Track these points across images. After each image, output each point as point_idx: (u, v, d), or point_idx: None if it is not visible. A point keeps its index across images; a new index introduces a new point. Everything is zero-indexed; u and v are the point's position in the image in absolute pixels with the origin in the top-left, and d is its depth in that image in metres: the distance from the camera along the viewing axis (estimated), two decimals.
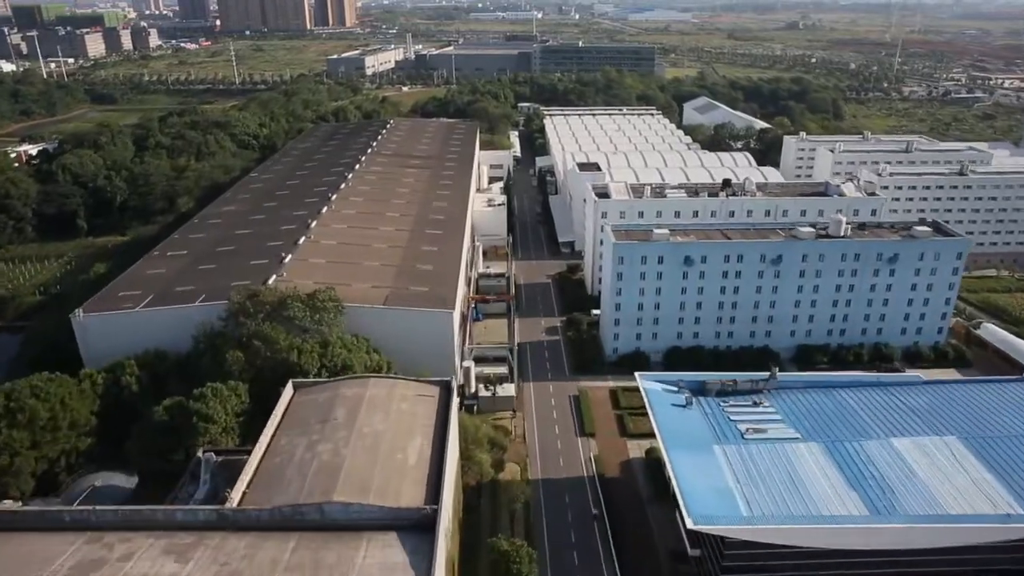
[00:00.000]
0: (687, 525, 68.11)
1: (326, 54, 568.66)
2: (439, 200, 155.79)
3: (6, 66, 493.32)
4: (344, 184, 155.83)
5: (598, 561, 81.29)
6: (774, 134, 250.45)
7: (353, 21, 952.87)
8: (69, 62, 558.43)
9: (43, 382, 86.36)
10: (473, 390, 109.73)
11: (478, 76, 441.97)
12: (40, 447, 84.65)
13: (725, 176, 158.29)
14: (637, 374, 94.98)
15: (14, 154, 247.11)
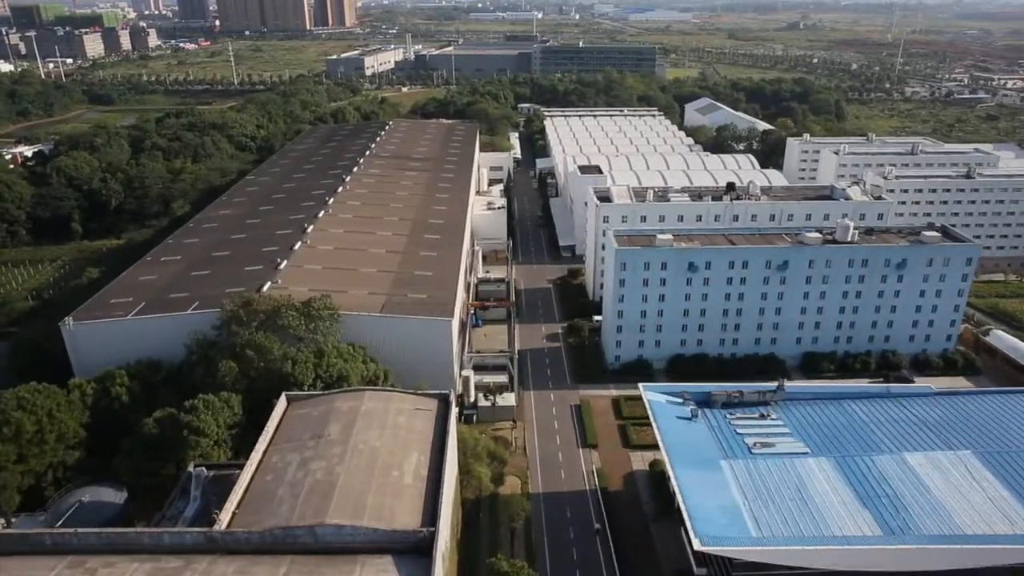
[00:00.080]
0: (694, 546, 65.84)
1: (325, 54, 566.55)
2: (438, 203, 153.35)
3: (4, 66, 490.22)
4: (341, 187, 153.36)
5: None
6: (777, 135, 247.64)
7: (352, 21, 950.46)
8: (67, 62, 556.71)
9: (30, 393, 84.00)
10: (472, 399, 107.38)
11: (478, 77, 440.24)
12: (26, 461, 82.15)
13: (728, 179, 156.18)
14: (641, 385, 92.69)
15: (9, 156, 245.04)
